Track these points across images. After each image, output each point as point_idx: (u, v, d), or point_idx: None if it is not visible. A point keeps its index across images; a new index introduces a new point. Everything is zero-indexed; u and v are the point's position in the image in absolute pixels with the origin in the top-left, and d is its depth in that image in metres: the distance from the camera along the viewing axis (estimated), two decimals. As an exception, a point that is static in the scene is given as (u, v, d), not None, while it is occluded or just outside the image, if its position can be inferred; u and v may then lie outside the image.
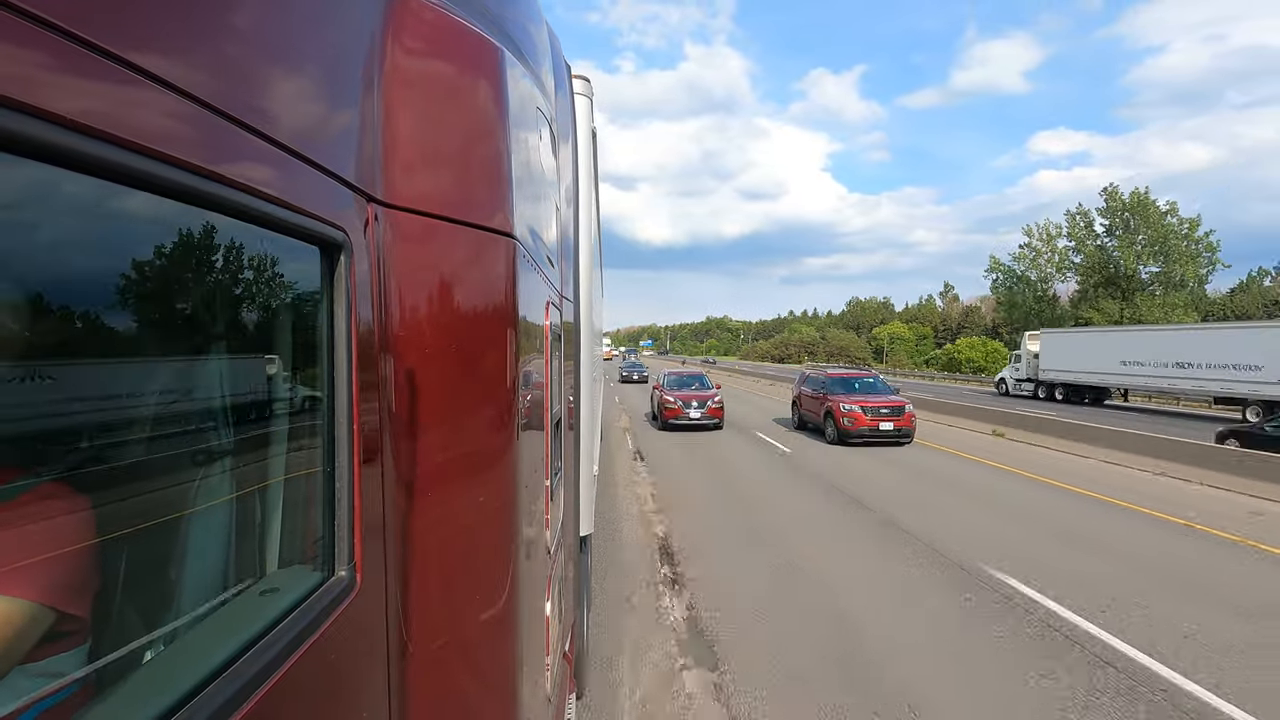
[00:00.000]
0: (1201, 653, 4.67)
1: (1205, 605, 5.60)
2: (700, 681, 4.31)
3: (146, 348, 0.76)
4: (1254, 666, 4.48)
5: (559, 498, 2.50)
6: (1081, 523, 8.32)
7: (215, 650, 0.76)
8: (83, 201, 0.60)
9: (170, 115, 0.64)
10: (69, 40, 0.52)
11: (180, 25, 0.66)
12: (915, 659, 4.54)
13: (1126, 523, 8.40)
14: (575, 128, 3.42)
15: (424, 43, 1.20)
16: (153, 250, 0.73)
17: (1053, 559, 6.78)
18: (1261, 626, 5.16)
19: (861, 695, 4.07)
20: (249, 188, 0.75)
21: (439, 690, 1.22)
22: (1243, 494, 10.15)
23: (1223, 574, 6.49)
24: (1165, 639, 4.89)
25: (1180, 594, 5.87)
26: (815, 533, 7.73)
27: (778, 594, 5.79)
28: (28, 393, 0.62)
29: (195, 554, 0.88)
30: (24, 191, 0.55)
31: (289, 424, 1.01)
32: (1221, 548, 7.43)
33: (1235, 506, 9.43)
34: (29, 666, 0.67)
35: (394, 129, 1.12)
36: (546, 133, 1.97)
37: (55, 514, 0.66)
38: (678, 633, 5.01)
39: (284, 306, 0.99)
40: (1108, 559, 6.84)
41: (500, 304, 1.34)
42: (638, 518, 8.43)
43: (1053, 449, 14.48)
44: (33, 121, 0.49)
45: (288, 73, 0.87)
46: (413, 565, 1.16)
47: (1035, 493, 10.14)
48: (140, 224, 0.69)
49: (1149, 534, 7.89)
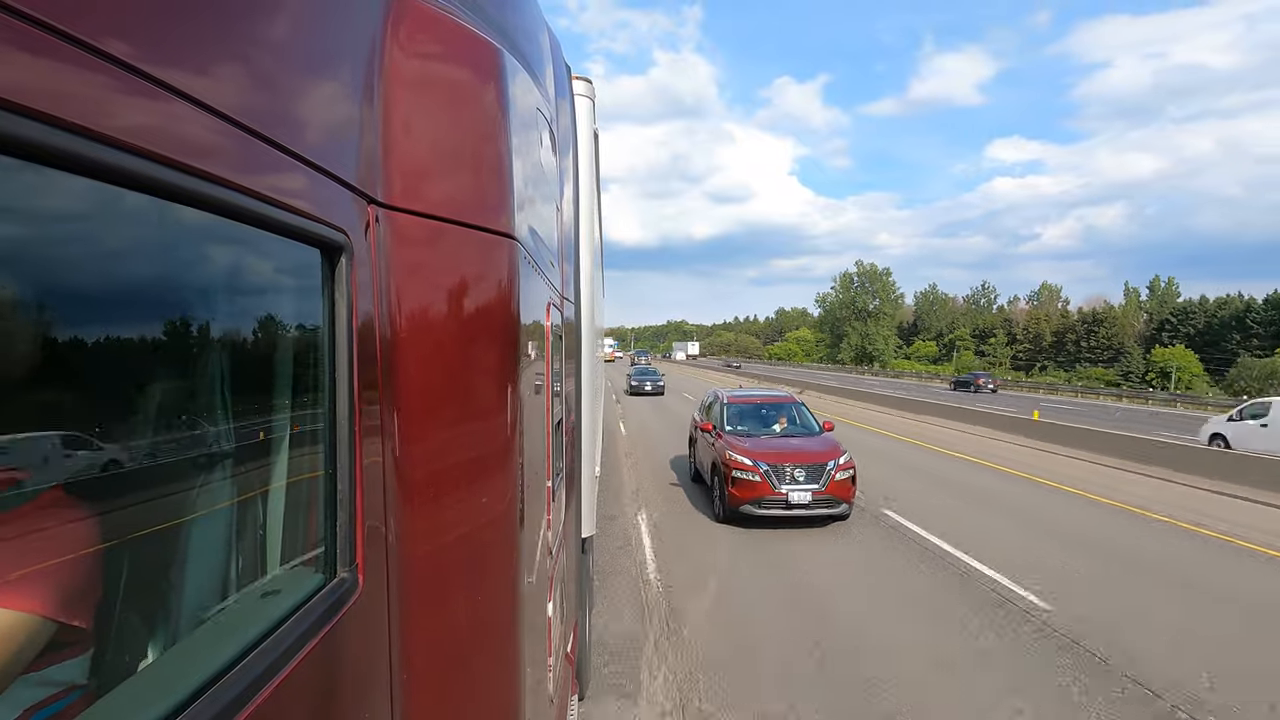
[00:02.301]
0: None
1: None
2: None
3: (147, 351, 0.76)
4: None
5: (560, 498, 2.50)
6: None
7: (218, 652, 0.76)
8: (84, 205, 0.60)
9: (170, 118, 0.64)
10: (68, 43, 0.52)
11: (181, 28, 0.66)
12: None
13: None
14: (576, 129, 3.42)
15: (425, 45, 1.20)
16: (154, 253, 0.73)
17: None
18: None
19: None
20: (250, 190, 0.75)
21: (441, 691, 1.22)
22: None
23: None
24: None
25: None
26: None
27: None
28: (27, 397, 0.62)
29: (198, 556, 0.88)
30: (26, 195, 0.55)
31: (290, 426, 1.01)
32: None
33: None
34: (32, 675, 0.67)
35: (395, 131, 1.12)
36: (547, 134, 1.97)
37: (58, 520, 0.66)
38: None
39: (285, 309, 0.99)
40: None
41: (501, 305, 1.34)
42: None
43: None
44: (34, 125, 0.49)
45: (288, 75, 0.88)
46: (415, 566, 1.15)
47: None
48: (141, 227, 0.69)
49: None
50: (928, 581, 6.51)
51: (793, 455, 8.26)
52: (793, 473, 8.03)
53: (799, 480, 8.01)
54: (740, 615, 5.70)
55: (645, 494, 10.21)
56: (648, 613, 5.72)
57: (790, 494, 7.92)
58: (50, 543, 0.66)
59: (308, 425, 1.00)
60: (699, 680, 4.54)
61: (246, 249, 0.85)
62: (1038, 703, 4.30)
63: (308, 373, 0.99)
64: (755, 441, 8.77)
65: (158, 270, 0.73)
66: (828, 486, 7.99)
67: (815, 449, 8.52)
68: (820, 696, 4.33)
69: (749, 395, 10.71)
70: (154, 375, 0.77)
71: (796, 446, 8.62)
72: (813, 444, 8.78)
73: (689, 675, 4.62)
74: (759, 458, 8.17)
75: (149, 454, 0.77)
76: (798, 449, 8.50)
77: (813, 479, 8.03)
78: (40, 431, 0.64)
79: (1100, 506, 9.94)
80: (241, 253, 0.86)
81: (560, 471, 2.50)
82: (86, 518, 0.69)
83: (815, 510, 8.01)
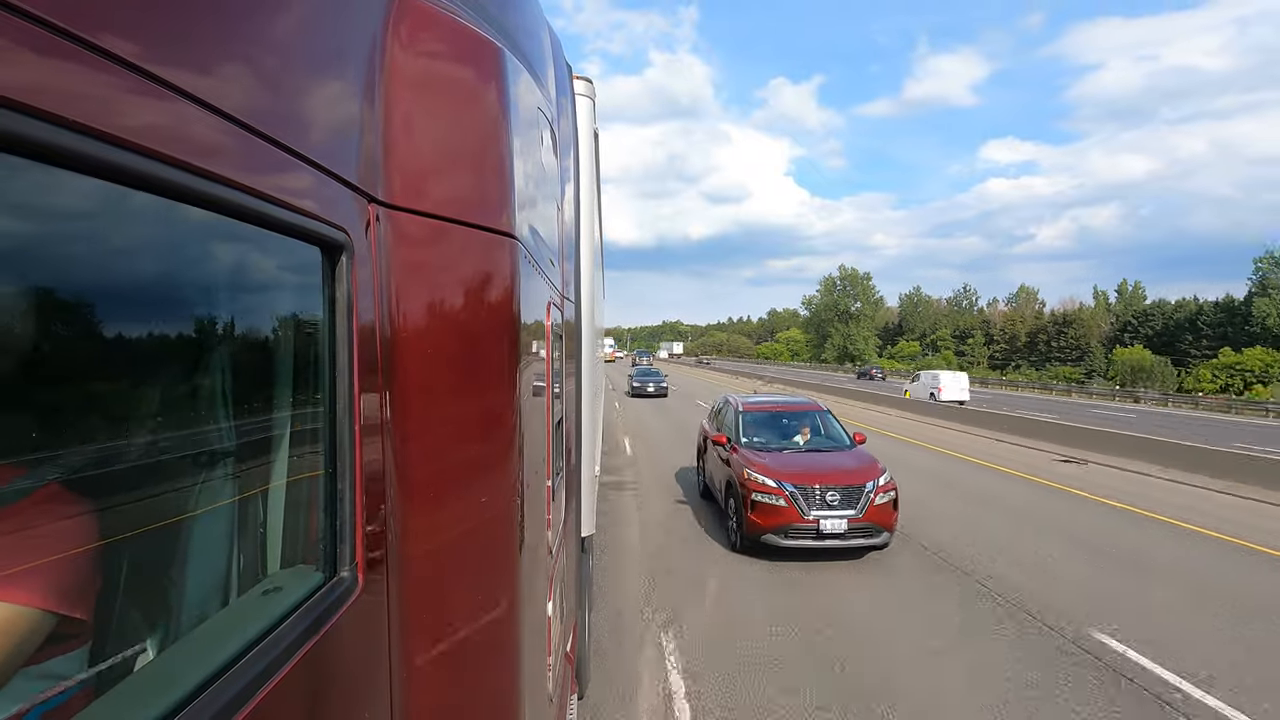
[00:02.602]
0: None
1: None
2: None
3: (147, 349, 0.76)
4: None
5: (560, 498, 2.50)
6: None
7: (218, 650, 0.76)
8: (84, 203, 0.60)
9: (171, 116, 0.64)
10: (68, 40, 0.52)
11: (182, 28, 0.66)
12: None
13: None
14: (577, 129, 3.42)
15: (426, 43, 1.20)
16: (154, 251, 0.73)
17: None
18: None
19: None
20: (250, 189, 0.75)
21: (441, 691, 1.22)
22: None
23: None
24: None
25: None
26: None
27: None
28: (28, 394, 0.62)
29: (198, 555, 0.88)
30: (26, 193, 0.55)
31: (291, 425, 1.01)
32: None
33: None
34: (31, 669, 0.67)
35: (396, 130, 1.12)
36: (548, 133, 1.97)
37: (57, 516, 0.66)
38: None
39: (286, 307, 0.99)
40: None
41: (502, 305, 1.34)
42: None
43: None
44: (33, 122, 0.49)
45: (289, 73, 0.88)
46: (414, 566, 1.15)
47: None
48: (141, 225, 0.69)
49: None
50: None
51: (824, 475, 7.05)
52: (824, 495, 6.80)
53: (832, 505, 6.77)
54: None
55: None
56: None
57: (822, 521, 6.70)
58: (50, 538, 0.67)
59: (308, 423, 1.00)
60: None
61: (247, 248, 0.85)
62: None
63: (308, 371, 0.99)
64: (777, 458, 7.54)
65: (157, 268, 0.73)
66: (866, 513, 6.76)
67: (849, 466, 7.34)
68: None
69: (767, 402, 9.46)
70: (154, 373, 0.78)
71: (827, 464, 7.43)
72: (845, 460, 7.59)
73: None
74: (784, 478, 6.96)
75: (149, 451, 0.77)
76: (829, 467, 7.30)
77: (848, 503, 6.80)
78: (41, 428, 0.64)
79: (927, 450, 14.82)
80: (242, 251, 0.86)
81: (560, 471, 2.50)
82: (87, 514, 0.69)
83: (851, 541, 6.81)
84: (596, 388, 6.37)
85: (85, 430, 0.69)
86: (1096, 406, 37.34)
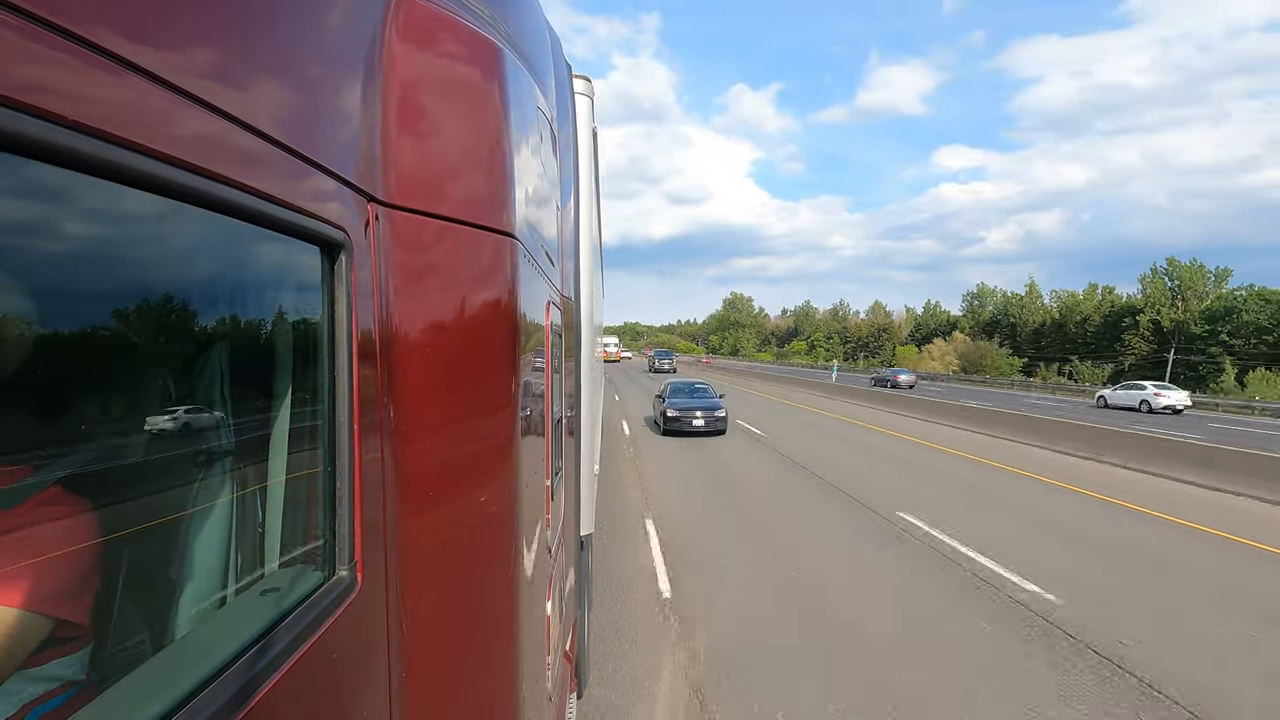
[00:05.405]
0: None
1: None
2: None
3: (146, 348, 0.76)
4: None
5: (559, 497, 2.50)
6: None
7: (216, 650, 0.76)
8: (83, 202, 0.60)
9: (170, 115, 0.64)
10: (67, 39, 0.52)
11: (180, 24, 0.66)
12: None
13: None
14: (576, 127, 3.42)
15: (424, 42, 1.20)
16: (153, 251, 0.73)
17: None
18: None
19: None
20: (250, 188, 0.75)
21: (440, 690, 1.22)
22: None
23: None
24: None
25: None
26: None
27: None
28: (28, 394, 0.62)
29: (197, 554, 0.88)
30: (25, 193, 0.55)
31: (290, 424, 1.01)
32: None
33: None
34: (29, 671, 0.67)
35: (395, 129, 1.12)
36: (547, 132, 1.97)
37: (57, 517, 0.66)
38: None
39: (285, 306, 0.99)
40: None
41: (501, 304, 1.34)
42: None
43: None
44: (33, 122, 0.49)
45: (288, 71, 0.87)
46: (414, 565, 1.16)
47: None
48: (140, 224, 0.69)
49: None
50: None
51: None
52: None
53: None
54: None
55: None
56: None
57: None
58: (49, 539, 0.66)
59: (307, 423, 1.00)
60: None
61: (247, 247, 0.85)
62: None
63: (307, 370, 0.99)
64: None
65: (156, 267, 0.73)
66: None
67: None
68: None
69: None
70: (154, 372, 0.78)
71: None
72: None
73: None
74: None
75: (148, 450, 0.77)
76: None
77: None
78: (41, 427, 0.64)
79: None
80: (242, 251, 0.86)
81: (560, 470, 2.50)
82: (85, 514, 0.69)
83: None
84: (596, 386, 6.39)
85: (86, 429, 0.69)
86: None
